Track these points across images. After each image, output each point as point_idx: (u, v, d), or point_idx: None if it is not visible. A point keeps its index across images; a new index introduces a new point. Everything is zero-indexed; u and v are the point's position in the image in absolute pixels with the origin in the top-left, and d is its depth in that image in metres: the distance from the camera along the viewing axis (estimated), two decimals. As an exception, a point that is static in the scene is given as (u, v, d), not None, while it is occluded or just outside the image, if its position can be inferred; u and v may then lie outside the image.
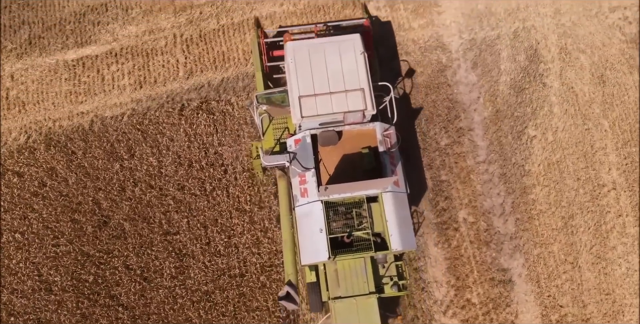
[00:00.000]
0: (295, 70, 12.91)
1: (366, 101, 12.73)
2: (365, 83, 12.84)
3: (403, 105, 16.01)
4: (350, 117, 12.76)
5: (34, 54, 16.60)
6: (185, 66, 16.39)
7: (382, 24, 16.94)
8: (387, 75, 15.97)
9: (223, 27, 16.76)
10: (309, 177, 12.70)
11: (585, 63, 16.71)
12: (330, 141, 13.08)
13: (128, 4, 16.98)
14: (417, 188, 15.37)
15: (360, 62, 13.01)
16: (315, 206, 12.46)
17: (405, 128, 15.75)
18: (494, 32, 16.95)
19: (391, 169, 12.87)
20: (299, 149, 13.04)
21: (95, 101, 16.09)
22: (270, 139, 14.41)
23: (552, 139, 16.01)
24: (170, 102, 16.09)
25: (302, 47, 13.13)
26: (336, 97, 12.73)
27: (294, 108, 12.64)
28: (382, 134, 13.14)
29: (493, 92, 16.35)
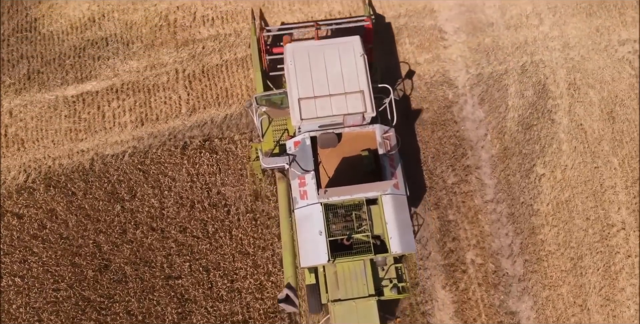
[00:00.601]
0: (295, 73, 13.05)
1: (366, 103, 12.87)
2: (365, 85, 12.99)
3: (409, 141, 15.79)
4: (350, 119, 12.91)
5: (33, 89, 16.43)
6: (188, 103, 16.23)
7: (387, 56, 16.69)
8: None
9: (226, 62, 16.61)
10: (308, 179, 12.82)
11: (595, 99, 16.55)
12: (330, 143, 13.23)
13: (129, 38, 16.80)
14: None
15: (360, 65, 13.15)
16: (315, 208, 12.60)
17: (412, 165, 15.75)
18: (502, 66, 16.79)
19: (391, 172, 13.03)
20: (299, 151, 13.18)
21: (95, 138, 15.93)
22: (270, 140, 14.57)
23: (561, 178, 15.85)
24: (172, 140, 15.92)
25: (302, 50, 13.30)
26: (336, 99, 12.88)
27: (294, 110, 12.80)
28: (382, 136, 13.28)
29: (501, 129, 16.19)
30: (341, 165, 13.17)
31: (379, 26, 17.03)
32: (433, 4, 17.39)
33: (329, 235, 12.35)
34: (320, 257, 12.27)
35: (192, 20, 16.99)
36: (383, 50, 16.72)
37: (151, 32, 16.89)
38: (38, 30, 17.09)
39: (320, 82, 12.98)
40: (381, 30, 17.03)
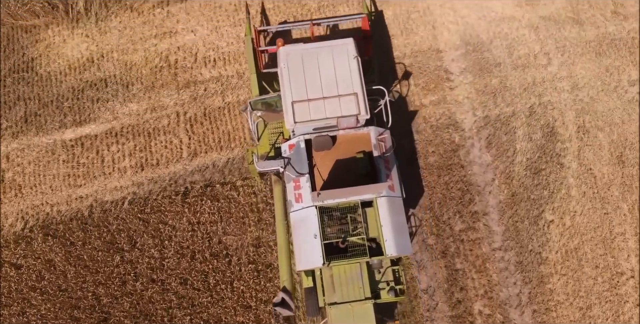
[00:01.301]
0: (288, 76, 13.18)
1: (360, 106, 12.99)
2: (359, 88, 13.11)
3: (415, 185, 15.60)
4: (344, 122, 13.03)
5: (30, 133, 16.20)
6: (189, 147, 16.01)
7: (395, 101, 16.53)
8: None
9: (228, 104, 16.41)
10: (303, 182, 12.90)
11: (604, 142, 16.35)
12: (325, 145, 13.34)
13: (128, 79, 16.59)
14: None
15: (354, 67, 13.27)
16: (310, 211, 12.68)
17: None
18: (509, 108, 16.58)
19: (386, 174, 13.07)
20: (293, 154, 13.31)
21: (94, 184, 15.70)
22: (266, 144, 14.75)
23: (570, 224, 15.64)
24: (172, 185, 15.71)
25: (295, 53, 13.43)
26: (329, 102, 13.00)
27: (287, 113, 12.96)
28: (377, 138, 13.35)
29: (508, 174, 15.97)
30: (336, 167, 13.30)
31: (384, 67, 16.77)
32: (438, 44, 17.18)
33: (324, 238, 12.48)
34: (315, 260, 12.36)
35: (194, 61, 16.76)
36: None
37: (151, 74, 16.67)
38: (35, 70, 16.87)
39: (314, 85, 13.12)
40: (385, 71, 16.78)
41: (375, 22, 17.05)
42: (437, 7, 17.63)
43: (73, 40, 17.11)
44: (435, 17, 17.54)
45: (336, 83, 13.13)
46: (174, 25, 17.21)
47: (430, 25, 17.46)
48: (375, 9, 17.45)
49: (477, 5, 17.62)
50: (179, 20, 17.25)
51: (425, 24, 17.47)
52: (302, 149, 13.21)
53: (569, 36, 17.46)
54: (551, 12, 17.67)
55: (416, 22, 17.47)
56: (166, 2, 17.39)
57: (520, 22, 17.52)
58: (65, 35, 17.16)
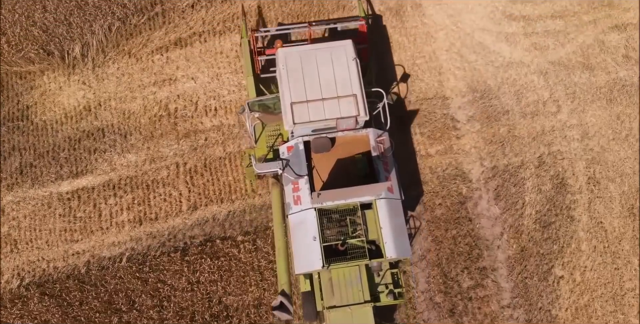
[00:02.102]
0: (287, 77, 13.28)
1: (359, 107, 13.08)
2: (358, 89, 13.21)
3: (423, 242, 15.31)
4: (343, 123, 13.14)
5: (26, 184, 15.89)
6: (189, 200, 15.72)
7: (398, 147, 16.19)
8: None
9: (229, 155, 16.12)
10: (302, 184, 12.94)
11: (615, 193, 16.06)
12: (323, 147, 13.45)
13: (127, 128, 16.26)
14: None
15: (353, 69, 13.39)
16: (309, 213, 12.73)
17: (426, 266, 15.52)
18: (518, 158, 16.27)
19: (385, 175, 13.16)
20: (292, 156, 13.43)
21: (91, 239, 15.43)
22: (263, 146, 14.79)
23: (580, 280, 15.36)
24: (172, 240, 15.43)
25: (294, 54, 13.55)
26: (328, 103, 13.08)
27: (286, 115, 13.04)
28: (376, 140, 13.44)
29: (517, 228, 15.69)
30: (335, 169, 13.40)
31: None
32: (445, 91, 16.87)
33: (323, 241, 12.53)
34: (314, 263, 12.44)
35: (194, 110, 16.45)
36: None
37: (150, 123, 16.34)
38: (30, 119, 16.54)
39: (313, 87, 13.20)
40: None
41: (381, 72, 16.69)
42: (444, 52, 17.31)
43: (69, 87, 16.76)
44: (441, 63, 17.22)
45: (335, 84, 13.23)
46: (174, 72, 16.87)
47: (436, 71, 17.14)
48: (380, 56, 17.06)
49: (484, 50, 17.31)
50: (179, 66, 16.92)
51: (430, 69, 17.14)
52: (300, 151, 13.36)
53: (579, 82, 17.14)
54: (561, 56, 17.35)
55: (421, 68, 17.14)
56: (165, 48, 17.05)
57: (529, 67, 17.20)
58: (62, 81, 16.82)
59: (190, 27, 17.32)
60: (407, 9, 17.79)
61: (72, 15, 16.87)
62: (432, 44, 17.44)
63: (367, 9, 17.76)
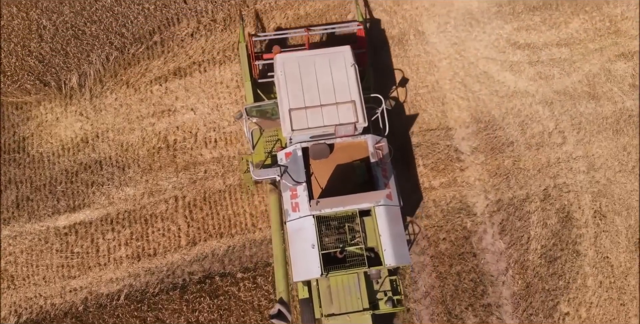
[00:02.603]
0: (285, 83, 13.34)
1: (357, 114, 13.14)
2: (357, 95, 13.29)
3: (427, 279, 15.13)
4: (342, 130, 13.16)
5: (23, 219, 15.68)
6: (188, 235, 15.53)
7: (402, 181, 15.99)
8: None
9: (229, 187, 15.89)
10: (300, 191, 13.01)
11: (621, 227, 15.85)
12: (322, 154, 13.47)
13: (125, 161, 16.05)
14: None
15: (351, 75, 13.46)
16: (307, 221, 12.80)
17: (430, 303, 15.45)
18: (523, 191, 16.05)
19: (384, 182, 13.24)
20: (290, 162, 13.44)
21: (89, 276, 15.24)
22: (261, 152, 14.89)
23: (586, 316, 15.19)
24: (170, 276, 15.24)
25: (292, 60, 13.61)
26: (327, 109, 13.15)
27: (284, 121, 13.09)
28: (374, 146, 13.54)
29: (523, 263, 15.49)
30: (333, 176, 13.41)
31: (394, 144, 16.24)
32: (448, 121, 16.66)
33: (322, 248, 12.55)
34: (313, 271, 12.44)
35: (194, 141, 16.23)
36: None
37: (149, 155, 16.11)
38: (27, 151, 16.31)
39: (311, 93, 13.26)
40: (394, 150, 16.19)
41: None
42: (447, 82, 17.10)
43: (66, 118, 16.53)
44: (445, 92, 17.00)
45: (333, 91, 13.29)
46: (173, 102, 16.64)
47: (439, 101, 16.92)
48: (383, 88, 16.83)
49: (489, 80, 17.10)
50: (178, 97, 16.69)
51: (434, 99, 16.93)
52: (299, 158, 13.35)
53: (585, 112, 16.92)
54: (566, 86, 17.13)
55: (424, 98, 16.93)
56: (164, 78, 16.83)
57: (534, 97, 16.98)
58: (58, 112, 16.59)
59: (190, 56, 17.09)
60: (410, 38, 17.56)
61: (69, 45, 16.63)
62: (435, 74, 17.22)
63: (365, 13, 17.75)
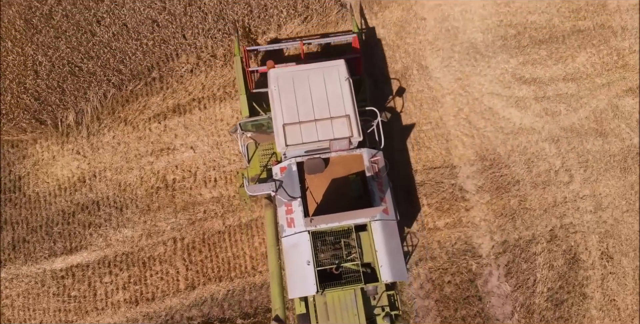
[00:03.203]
0: (279, 98, 13.33)
1: (352, 128, 13.13)
2: (351, 109, 13.27)
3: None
4: (337, 144, 13.15)
5: (19, 261, 15.46)
6: (187, 278, 15.32)
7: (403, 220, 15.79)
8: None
9: (229, 228, 15.71)
10: (295, 206, 13.00)
11: (628, 269, 15.70)
12: (317, 168, 13.45)
13: (123, 201, 15.81)
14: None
15: (345, 89, 13.43)
16: (302, 236, 12.75)
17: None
18: (529, 232, 15.83)
19: (380, 196, 13.17)
20: (285, 177, 13.38)
21: (86, 320, 15.21)
22: (257, 165, 14.95)
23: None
24: (169, 321, 15.15)
25: (286, 75, 13.61)
26: (321, 124, 13.14)
27: (278, 136, 13.09)
28: (370, 160, 13.47)
29: (529, 307, 15.32)
30: (329, 190, 13.40)
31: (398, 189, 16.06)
32: (452, 159, 16.42)
33: (317, 265, 12.52)
34: (308, 288, 12.40)
35: (193, 181, 16.00)
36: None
37: (147, 195, 15.86)
38: (23, 191, 16.07)
39: (305, 107, 13.26)
40: (399, 191, 15.97)
41: (385, 138, 16.20)
42: (451, 118, 16.83)
43: (63, 157, 16.28)
44: (449, 129, 16.74)
45: (328, 105, 13.30)
46: (172, 140, 16.38)
47: (443, 138, 16.65)
48: (386, 123, 16.54)
49: (494, 116, 16.83)
50: (177, 134, 16.45)
51: (437, 136, 16.66)
52: (294, 172, 13.31)
53: (592, 150, 16.65)
54: (573, 122, 16.86)
55: (428, 135, 16.65)
56: (163, 115, 16.56)
57: (540, 134, 16.70)
58: (55, 150, 16.33)
59: (189, 92, 16.82)
60: (413, 72, 17.28)
61: (65, 82, 16.36)
62: (439, 110, 16.95)
63: (361, 23, 17.77)
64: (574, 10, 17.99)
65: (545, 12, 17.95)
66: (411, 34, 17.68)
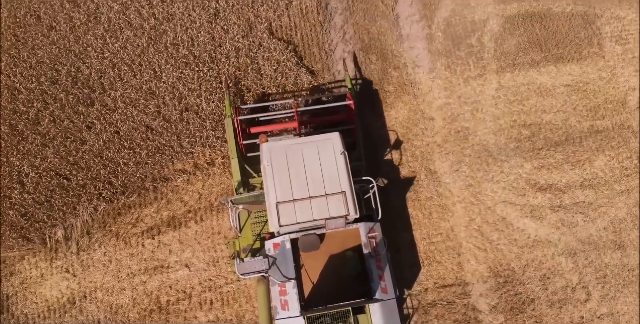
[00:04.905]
0: (272, 174, 13.09)
1: (348, 205, 12.86)
2: (347, 185, 13.02)
3: None
4: (332, 224, 12.85)
5: None
6: None
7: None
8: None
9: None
10: (289, 288, 12.68)
11: None
12: (312, 246, 13.17)
13: (115, 325, 14.90)
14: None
15: (341, 163, 13.22)
16: (297, 322, 12.41)
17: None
18: (544, 356, 14.98)
19: (378, 274, 12.94)
20: (278, 254, 13.07)
21: None
22: (249, 235, 14.61)
23: None
24: None
25: (279, 149, 13.42)
26: (316, 202, 12.86)
27: (271, 215, 12.83)
28: (367, 235, 13.25)
29: None
30: (325, 268, 13.14)
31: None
32: (465, 275, 15.93)
33: None
34: None
35: (188, 303, 15.37)
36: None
37: (140, 318, 15.35)
38: (11, 312, 15.63)
39: (300, 184, 13.00)
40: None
41: (395, 257, 15.48)
42: (462, 229, 16.14)
43: (52, 275, 15.63)
44: (460, 241, 16.05)
45: (323, 181, 13.02)
46: (166, 257, 15.74)
47: (454, 251, 16.04)
48: (394, 244, 15.78)
49: (507, 227, 16.26)
50: (172, 250, 15.84)
51: (448, 249, 16.00)
52: (287, 250, 13.01)
53: (610, 263, 16.01)
54: (591, 234, 16.16)
55: (438, 248, 15.97)
56: (157, 229, 15.90)
57: (557, 247, 16.03)
58: (43, 267, 15.72)
59: (185, 202, 16.14)
60: (421, 177, 16.55)
61: (53, 196, 15.71)
62: (449, 219, 16.22)
63: (356, 74, 17.58)
64: (591, 108, 17.21)
65: (561, 111, 17.19)
66: (418, 135, 16.94)
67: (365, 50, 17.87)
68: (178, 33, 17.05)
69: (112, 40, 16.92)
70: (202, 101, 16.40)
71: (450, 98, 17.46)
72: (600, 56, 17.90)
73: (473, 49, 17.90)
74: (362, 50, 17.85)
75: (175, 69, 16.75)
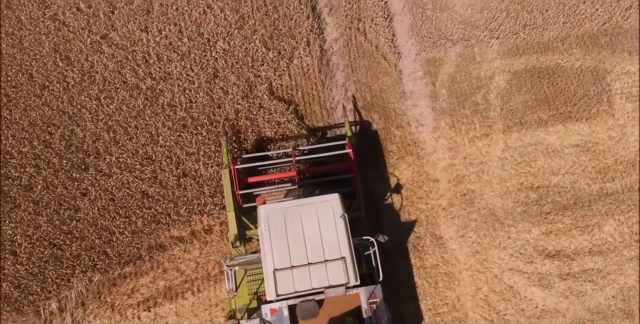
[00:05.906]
0: (270, 239, 12.80)
1: (348, 272, 12.59)
2: (347, 251, 12.77)
3: None
4: (332, 292, 12.62)
5: None
6: None
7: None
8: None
9: None
10: None
11: None
12: (311, 313, 12.87)
13: None
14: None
15: (341, 227, 12.98)
16: None
17: None
18: None
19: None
20: (276, 321, 12.78)
21: None
22: (245, 294, 14.29)
23: None
24: None
25: (277, 212, 13.16)
26: (315, 269, 12.62)
27: (269, 284, 12.53)
28: (367, 301, 12.99)
29: None
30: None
31: None
32: (471, 350, 15.25)
33: None
34: None
35: (186, 380, 14.78)
36: None
37: None
38: None
39: (298, 249, 12.73)
40: None
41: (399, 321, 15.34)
42: (469, 298, 15.86)
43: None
44: (467, 311, 15.80)
45: (322, 246, 12.79)
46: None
47: (461, 323, 15.44)
48: (399, 315, 15.42)
49: (515, 297, 16.00)
50: (168, 323, 15.19)
51: (454, 321, 16.01)
52: (285, 318, 12.74)
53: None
54: (599, 303, 15.85)
55: (445, 319, 15.85)
56: (153, 301, 15.66)
57: (565, 317, 15.77)
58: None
59: (182, 272, 15.86)
60: (426, 243, 16.21)
61: (47, 267, 15.37)
62: (455, 288, 15.92)
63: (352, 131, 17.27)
64: (601, 170, 16.86)
65: (569, 173, 16.83)
66: (423, 198, 16.60)
67: (367, 108, 17.54)
68: (175, 94, 16.78)
69: (107, 102, 16.70)
70: (200, 165, 16.11)
71: (456, 159, 17.11)
72: (610, 114, 17.55)
73: (478, 107, 17.56)
74: (364, 108, 17.52)
75: (172, 132, 16.45)
